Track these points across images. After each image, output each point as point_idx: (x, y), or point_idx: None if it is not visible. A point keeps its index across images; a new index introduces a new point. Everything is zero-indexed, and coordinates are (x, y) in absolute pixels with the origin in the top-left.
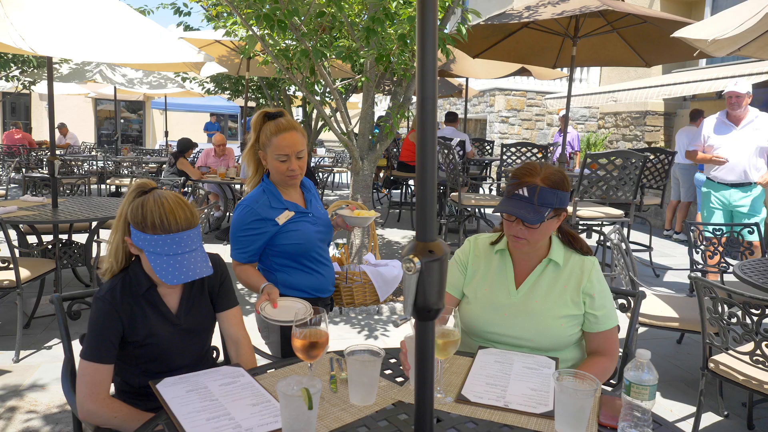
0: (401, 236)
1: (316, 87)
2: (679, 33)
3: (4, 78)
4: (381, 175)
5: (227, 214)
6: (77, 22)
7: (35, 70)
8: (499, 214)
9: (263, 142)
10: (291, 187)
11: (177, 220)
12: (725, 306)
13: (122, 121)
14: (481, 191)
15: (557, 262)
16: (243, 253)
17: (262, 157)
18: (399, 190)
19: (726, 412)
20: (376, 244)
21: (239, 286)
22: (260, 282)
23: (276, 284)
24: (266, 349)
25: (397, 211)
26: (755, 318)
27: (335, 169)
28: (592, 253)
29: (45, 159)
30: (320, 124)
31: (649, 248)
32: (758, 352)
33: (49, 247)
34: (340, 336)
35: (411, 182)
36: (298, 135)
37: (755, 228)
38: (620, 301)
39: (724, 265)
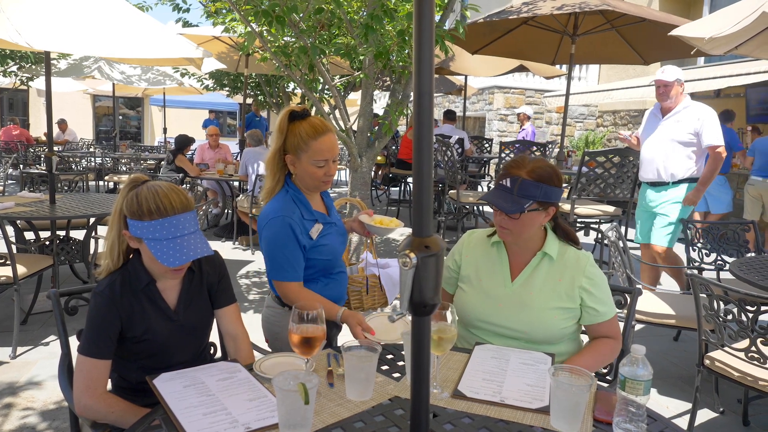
0: (399, 233)
1: (314, 84)
2: (676, 31)
3: (1, 74)
4: (380, 172)
5: (225, 210)
6: (74, 17)
7: (33, 66)
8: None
9: (295, 145)
10: (315, 193)
11: (172, 203)
12: (721, 303)
13: (120, 117)
14: (479, 189)
15: (551, 255)
16: (297, 270)
17: (290, 161)
18: (397, 188)
19: (721, 409)
20: (372, 242)
21: (239, 282)
22: (335, 306)
23: None
24: (264, 346)
25: (395, 208)
26: (750, 315)
27: None
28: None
29: (43, 155)
30: None
31: None
32: (753, 348)
33: (47, 243)
34: None
35: (409, 180)
36: (334, 137)
37: (750, 225)
38: (616, 297)
39: (720, 262)
